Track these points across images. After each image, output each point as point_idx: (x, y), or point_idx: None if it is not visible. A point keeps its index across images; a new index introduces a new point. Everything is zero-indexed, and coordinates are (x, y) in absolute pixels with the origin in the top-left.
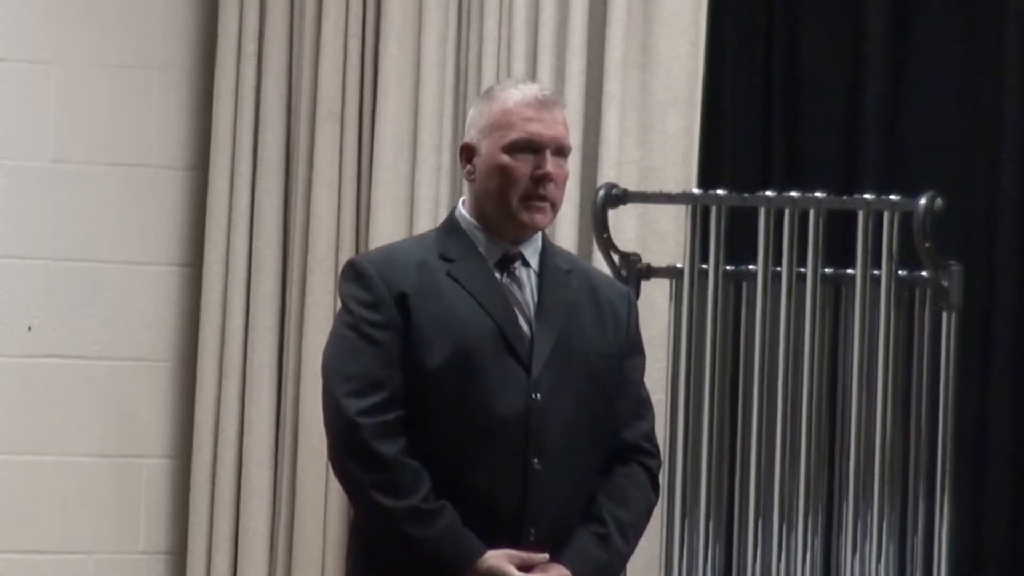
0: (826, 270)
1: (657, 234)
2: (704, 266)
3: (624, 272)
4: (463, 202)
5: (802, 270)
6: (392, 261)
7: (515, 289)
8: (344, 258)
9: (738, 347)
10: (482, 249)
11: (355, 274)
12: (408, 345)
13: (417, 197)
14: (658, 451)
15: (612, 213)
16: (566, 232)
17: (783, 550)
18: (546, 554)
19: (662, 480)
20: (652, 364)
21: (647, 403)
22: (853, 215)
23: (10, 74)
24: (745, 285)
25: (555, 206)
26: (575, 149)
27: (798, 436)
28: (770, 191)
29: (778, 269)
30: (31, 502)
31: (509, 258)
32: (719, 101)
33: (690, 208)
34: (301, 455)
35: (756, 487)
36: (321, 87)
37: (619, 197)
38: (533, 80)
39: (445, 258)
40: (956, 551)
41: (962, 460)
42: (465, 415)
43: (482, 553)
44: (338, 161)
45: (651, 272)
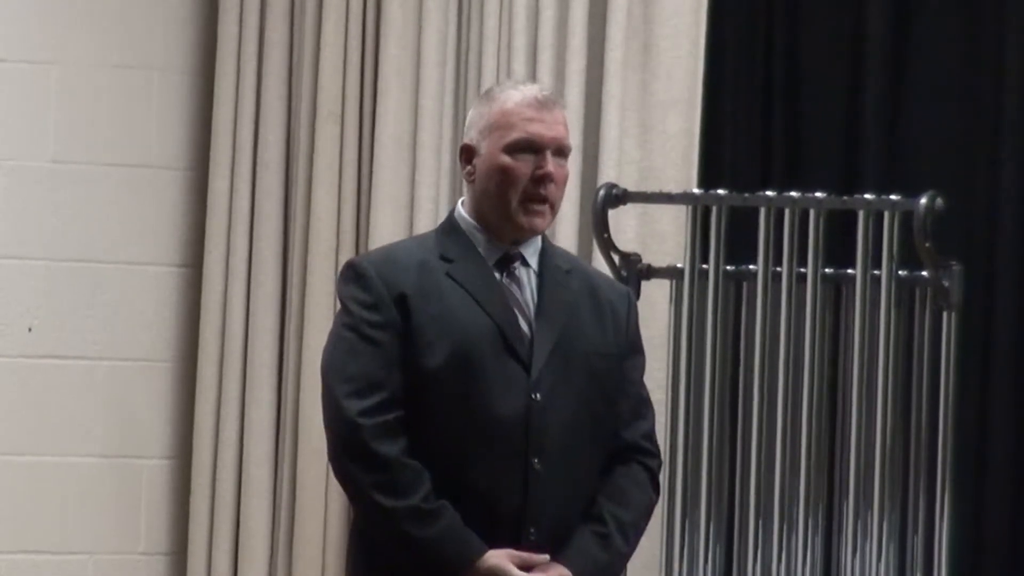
0: (826, 270)
1: (657, 234)
2: (704, 266)
3: (624, 272)
4: (462, 202)
5: (802, 270)
6: (391, 262)
7: (515, 289)
8: (344, 258)
9: (738, 347)
10: (481, 249)
11: (354, 275)
12: (408, 346)
13: (417, 198)
14: (658, 451)
15: (612, 213)
16: (566, 232)
17: (783, 550)
18: (546, 555)
19: (663, 480)
20: (652, 364)
21: (647, 403)
22: (853, 215)
23: (10, 74)
24: (745, 285)
25: (554, 207)
26: (575, 149)
27: (798, 436)
28: (770, 191)
29: (778, 269)
30: (31, 503)
31: (509, 258)
32: (719, 101)
33: (690, 208)
34: (301, 455)
35: (756, 487)
36: (321, 88)
37: (619, 197)
38: (533, 80)
39: (444, 258)
40: (956, 551)
41: (962, 460)
42: (465, 415)
43: (483, 552)
44: (338, 162)
45: (651, 272)
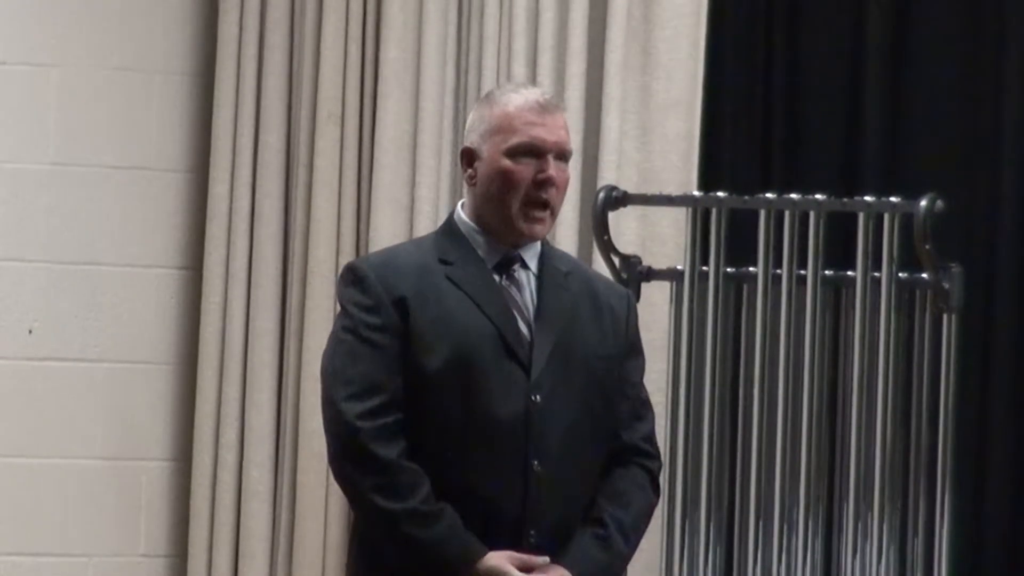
0: (826, 272)
1: (657, 236)
2: (704, 268)
3: (624, 274)
4: (462, 205)
5: (802, 272)
6: (391, 265)
7: (514, 292)
8: (344, 261)
9: (738, 349)
10: (481, 252)
11: (354, 278)
12: (408, 348)
13: (417, 200)
14: (658, 452)
15: (612, 215)
16: (566, 234)
17: (784, 551)
18: (546, 558)
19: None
20: (652, 366)
21: (647, 404)
22: (853, 217)
23: (11, 77)
24: (745, 287)
25: (555, 212)
26: (575, 152)
27: (798, 438)
28: (770, 193)
29: (778, 271)
30: (32, 505)
31: (508, 261)
32: (719, 103)
33: (690, 210)
34: (301, 458)
35: (756, 489)
36: (321, 90)
37: (619, 199)
38: (533, 83)
39: (444, 261)
40: (956, 552)
41: (962, 461)
42: (465, 418)
43: (483, 553)
44: (338, 164)
45: (651, 274)
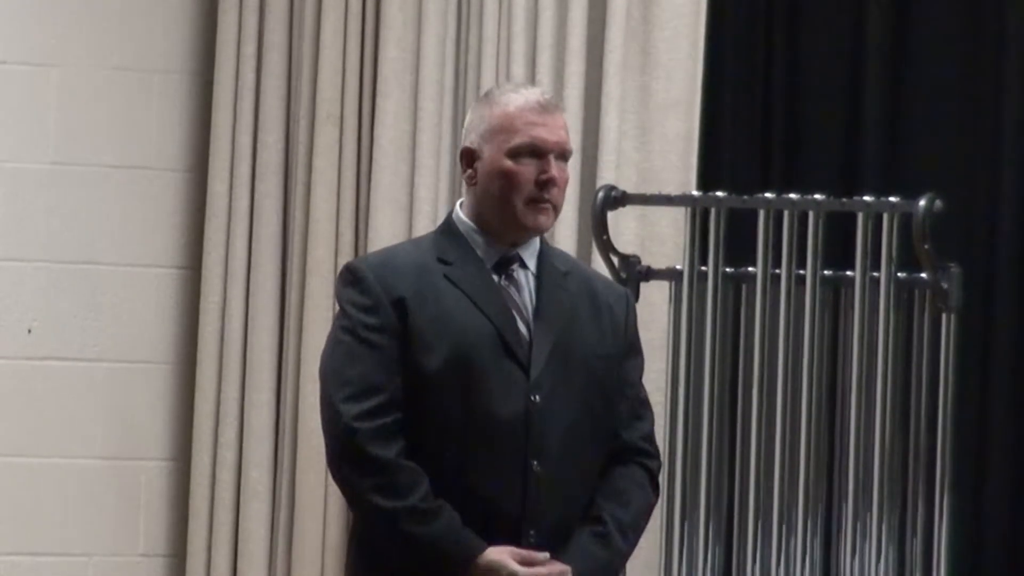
0: (825, 272)
1: (656, 236)
2: (703, 268)
3: (623, 274)
4: (460, 204)
5: (801, 272)
6: (390, 265)
7: (513, 291)
8: (343, 260)
9: (737, 349)
10: (480, 252)
11: (353, 278)
12: (407, 349)
13: (416, 199)
14: (658, 452)
15: (612, 215)
16: (565, 234)
17: (783, 551)
18: (547, 553)
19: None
20: (652, 366)
21: (646, 404)
22: (852, 217)
23: (10, 76)
24: (744, 287)
25: (557, 209)
26: (575, 151)
27: (797, 438)
28: (769, 193)
29: (777, 271)
30: (31, 504)
31: (507, 260)
32: (719, 103)
33: (689, 210)
34: (300, 457)
35: (755, 489)
36: (320, 89)
37: (618, 199)
38: (532, 83)
39: (443, 261)
40: (955, 552)
41: (962, 461)
42: (464, 418)
43: (483, 549)
44: (337, 163)
45: (650, 274)
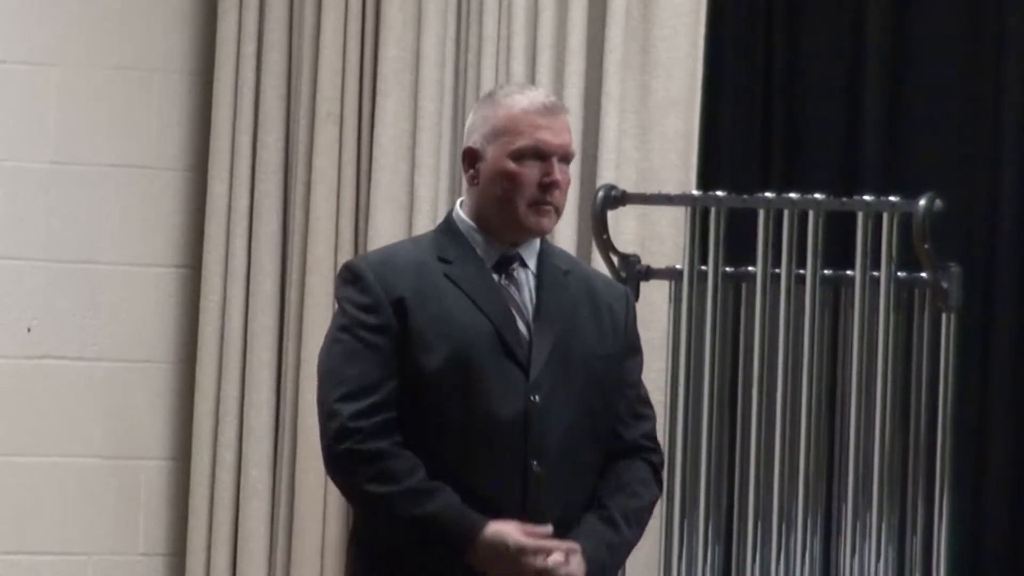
0: (825, 272)
1: (656, 235)
2: (703, 267)
3: (623, 273)
4: (460, 203)
5: (801, 272)
6: (389, 264)
7: (513, 291)
8: (343, 259)
9: (737, 349)
10: (480, 251)
11: (352, 277)
12: (406, 349)
13: (416, 198)
14: (660, 448)
15: (611, 214)
16: (565, 233)
17: (782, 551)
18: (549, 527)
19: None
20: (651, 365)
21: (647, 402)
22: (852, 216)
23: (10, 75)
24: (744, 287)
25: (559, 211)
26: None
27: (797, 437)
28: (769, 192)
29: (777, 271)
30: (31, 503)
31: (507, 260)
32: (718, 102)
33: (689, 209)
34: (300, 456)
35: (755, 488)
36: (320, 88)
37: (618, 198)
38: (532, 82)
39: (443, 259)
40: (955, 552)
41: (961, 461)
42: (464, 418)
43: (485, 524)
44: (337, 162)
45: (650, 273)
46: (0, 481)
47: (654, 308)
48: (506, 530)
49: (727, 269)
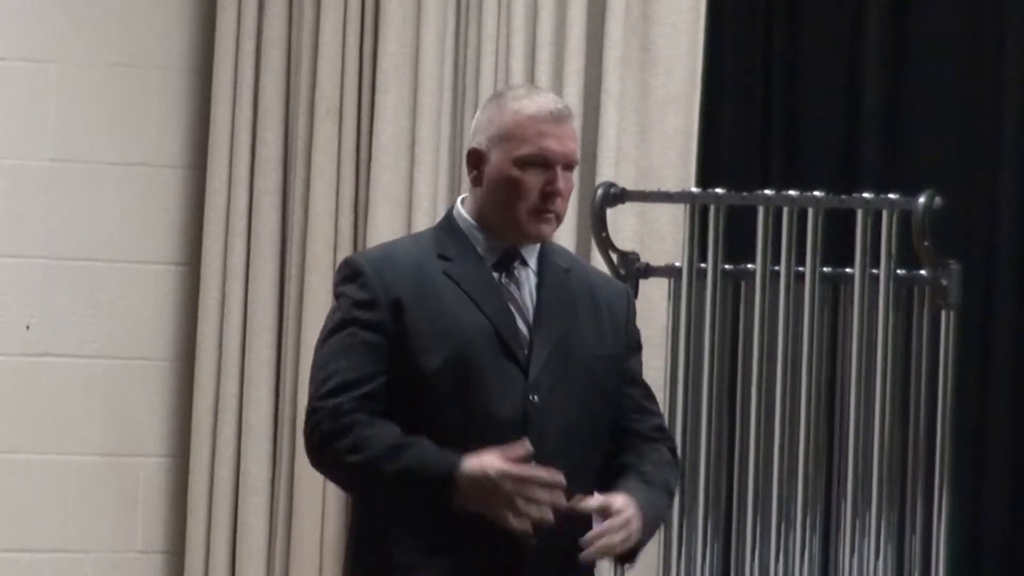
0: (825, 269)
1: (656, 233)
2: (703, 265)
3: (623, 271)
4: (462, 201)
5: (801, 269)
6: (389, 261)
7: (513, 289)
8: (342, 256)
9: (736, 346)
10: (480, 249)
11: (351, 273)
12: (404, 348)
13: (415, 195)
14: (673, 438)
15: (611, 212)
16: (564, 231)
17: (781, 549)
18: (527, 444)
19: None
20: (650, 363)
21: (653, 397)
22: (852, 214)
23: (9, 73)
24: (744, 284)
25: (560, 218)
26: None
27: (796, 435)
28: (769, 190)
29: (777, 268)
30: (29, 501)
31: (508, 258)
32: (718, 100)
33: (688, 207)
34: (299, 454)
35: (754, 486)
36: (319, 85)
37: (618, 196)
38: (532, 80)
39: (443, 257)
40: (954, 550)
41: (961, 459)
42: (463, 418)
43: (462, 459)
44: (336, 159)
45: (650, 271)
46: None
47: (653, 306)
48: (485, 460)
49: (726, 267)
